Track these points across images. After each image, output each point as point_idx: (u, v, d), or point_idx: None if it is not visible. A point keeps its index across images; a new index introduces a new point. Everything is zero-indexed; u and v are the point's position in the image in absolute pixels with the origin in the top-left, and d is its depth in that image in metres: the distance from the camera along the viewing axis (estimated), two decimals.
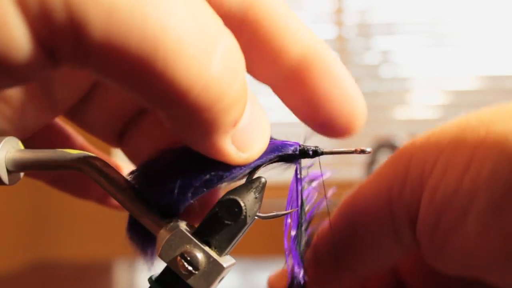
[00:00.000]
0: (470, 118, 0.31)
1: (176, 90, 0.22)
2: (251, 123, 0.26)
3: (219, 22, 0.24)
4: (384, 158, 1.71)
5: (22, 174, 0.31)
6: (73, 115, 0.35)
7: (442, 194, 0.30)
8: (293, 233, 0.31)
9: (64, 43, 0.21)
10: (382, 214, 0.32)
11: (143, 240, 0.31)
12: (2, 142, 0.30)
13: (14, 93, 0.31)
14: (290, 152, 0.29)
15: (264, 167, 0.29)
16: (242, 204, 0.27)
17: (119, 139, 0.36)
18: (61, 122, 0.35)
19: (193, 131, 0.24)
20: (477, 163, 0.29)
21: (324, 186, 0.31)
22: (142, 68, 0.21)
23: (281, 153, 0.29)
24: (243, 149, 0.26)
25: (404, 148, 0.32)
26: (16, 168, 0.30)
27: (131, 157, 0.37)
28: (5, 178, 0.30)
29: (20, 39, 0.20)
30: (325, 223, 0.34)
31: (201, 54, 0.22)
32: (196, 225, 0.28)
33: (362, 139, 2.01)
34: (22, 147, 0.31)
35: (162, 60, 0.21)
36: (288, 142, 0.29)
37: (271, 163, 0.29)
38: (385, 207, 0.32)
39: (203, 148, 0.26)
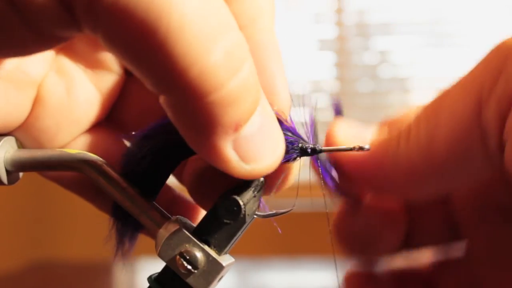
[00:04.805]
0: None
1: (174, 65, 0.22)
2: (260, 134, 0.26)
3: (232, 20, 0.24)
4: None
5: (21, 174, 0.31)
6: (111, 120, 0.34)
7: None
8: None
9: (79, 0, 0.22)
10: (469, 116, 0.28)
11: (125, 227, 0.31)
12: (1, 142, 0.30)
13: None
14: (289, 150, 0.29)
15: None
16: (241, 203, 0.28)
17: None
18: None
19: (191, 124, 0.24)
20: None
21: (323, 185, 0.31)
22: (144, 35, 0.22)
23: None
24: (247, 160, 0.26)
25: (500, 44, 0.29)
26: (15, 168, 0.30)
27: None
28: (4, 178, 0.30)
29: None
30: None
31: (204, 37, 0.22)
32: (195, 224, 0.29)
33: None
34: (21, 146, 0.31)
35: (164, 30, 0.22)
36: (287, 138, 0.29)
37: None
38: (473, 108, 0.28)
39: (201, 148, 0.25)
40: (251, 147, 0.25)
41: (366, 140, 0.31)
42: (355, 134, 0.32)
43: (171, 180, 0.33)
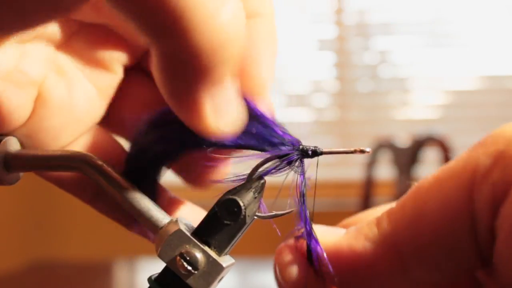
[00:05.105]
0: None
1: (188, 19, 0.23)
2: (231, 96, 0.27)
3: None
4: (383, 158, 1.71)
5: (21, 174, 0.31)
6: (111, 120, 0.34)
7: None
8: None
9: None
10: (460, 197, 0.26)
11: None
12: (2, 142, 0.30)
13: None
14: (289, 152, 0.29)
15: (263, 166, 0.29)
16: (242, 204, 0.28)
17: None
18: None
19: (181, 74, 0.25)
20: None
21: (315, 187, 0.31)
22: None
23: (280, 152, 0.29)
24: (218, 118, 0.26)
25: (498, 131, 0.27)
26: (15, 168, 0.30)
27: None
28: (4, 178, 0.30)
29: None
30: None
31: None
32: (196, 225, 0.28)
33: (361, 139, 2.01)
34: (22, 147, 0.31)
35: None
36: (288, 137, 0.29)
37: (270, 161, 0.29)
38: (465, 190, 0.26)
39: (181, 100, 0.26)
40: (224, 106, 0.26)
41: (341, 233, 0.29)
42: (333, 232, 0.30)
43: (170, 183, 0.33)
